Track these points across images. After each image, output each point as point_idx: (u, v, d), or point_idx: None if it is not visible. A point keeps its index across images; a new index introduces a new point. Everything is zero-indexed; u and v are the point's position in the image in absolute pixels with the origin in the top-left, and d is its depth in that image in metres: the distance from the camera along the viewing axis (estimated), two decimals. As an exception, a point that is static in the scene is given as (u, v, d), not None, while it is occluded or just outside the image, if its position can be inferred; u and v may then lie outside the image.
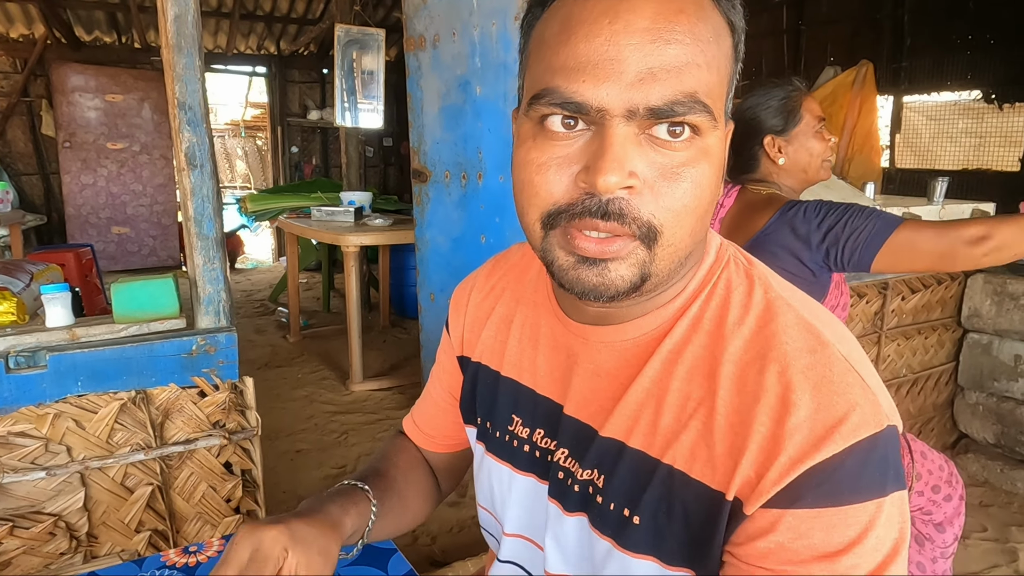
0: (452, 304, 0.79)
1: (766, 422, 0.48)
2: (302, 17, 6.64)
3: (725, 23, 0.50)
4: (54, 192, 6.48)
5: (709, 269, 0.57)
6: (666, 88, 0.46)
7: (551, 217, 0.50)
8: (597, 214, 0.48)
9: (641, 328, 0.57)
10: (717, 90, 0.49)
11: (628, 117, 0.47)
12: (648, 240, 0.49)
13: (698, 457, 0.51)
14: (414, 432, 0.85)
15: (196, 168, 1.30)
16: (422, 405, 0.85)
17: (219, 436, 1.33)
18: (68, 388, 1.22)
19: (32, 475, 1.20)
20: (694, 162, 0.48)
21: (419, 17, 2.58)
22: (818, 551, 0.45)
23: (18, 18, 5.88)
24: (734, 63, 0.52)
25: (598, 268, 0.50)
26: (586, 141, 0.49)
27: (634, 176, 0.47)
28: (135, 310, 1.29)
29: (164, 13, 1.25)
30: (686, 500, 0.52)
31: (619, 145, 0.47)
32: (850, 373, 0.49)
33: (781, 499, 0.47)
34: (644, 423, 0.55)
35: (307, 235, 3.82)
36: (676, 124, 0.47)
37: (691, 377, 0.54)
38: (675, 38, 0.46)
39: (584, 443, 0.60)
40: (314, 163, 7.60)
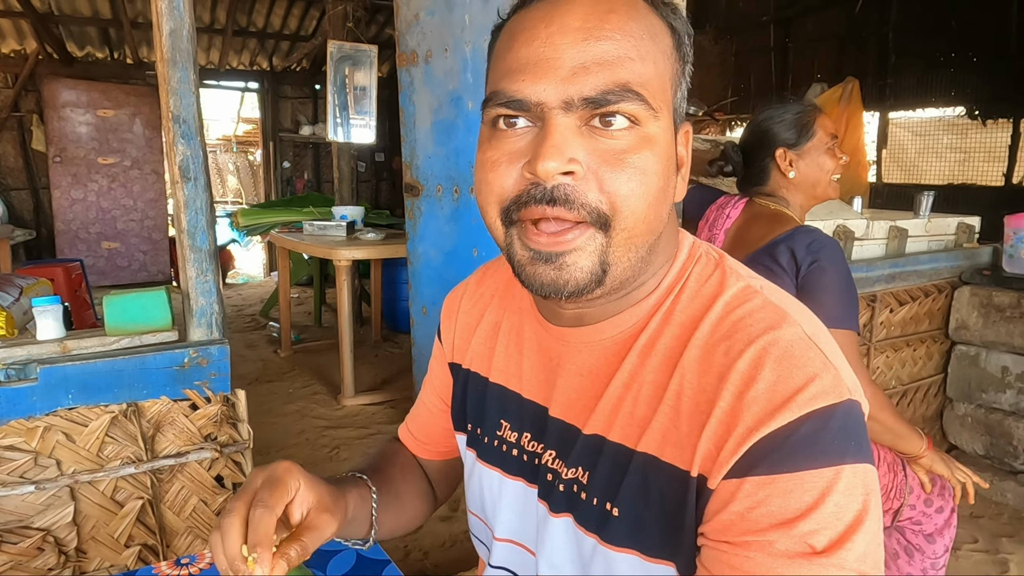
0: (443, 311, 0.81)
1: (727, 397, 0.49)
2: (295, 33, 6.68)
3: (663, 24, 0.54)
4: (43, 207, 6.46)
5: (682, 266, 0.59)
6: (599, 79, 0.49)
7: (507, 211, 0.53)
8: (543, 200, 0.51)
9: (618, 326, 0.59)
10: (656, 82, 0.52)
11: (566, 108, 0.50)
12: (601, 225, 0.51)
13: (668, 440, 0.53)
14: (408, 439, 0.85)
15: (190, 181, 1.31)
16: (416, 412, 0.85)
17: (211, 449, 1.33)
18: (59, 401, 1.21)
19: (21, 489, 1.19)
20: (636, 149, 0.51)
21: (411, 33, 2.60)
22: (776, 518, 0.45)
23: (9, 33, 5.88)
24: (678, 63, 0.55)
25: (555, 263, 0.52)
26: (533, 136, 0.52)
27: (575, 162, 0.50)
28: (127, 322, 1.29)
29: (159, 28, 1.26)
30: (660, 485, 0.53)
31: (558, 134, 0.50)
32: (812, 349, 0.50)
33: (738, 468, 0.47)
34: (623, 416, 0.56)
35: (299, 249, 3.82)
36: (612, 113, 0.50)
37: (662, 367, 0.55)
38: (606, 35, 0.50)
39: (569, 443, 0.61)
40: (306, 178, 7.60)
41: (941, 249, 2.53)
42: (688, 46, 0.56)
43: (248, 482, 0.57)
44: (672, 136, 0.55)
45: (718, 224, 1.58)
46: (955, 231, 2.58)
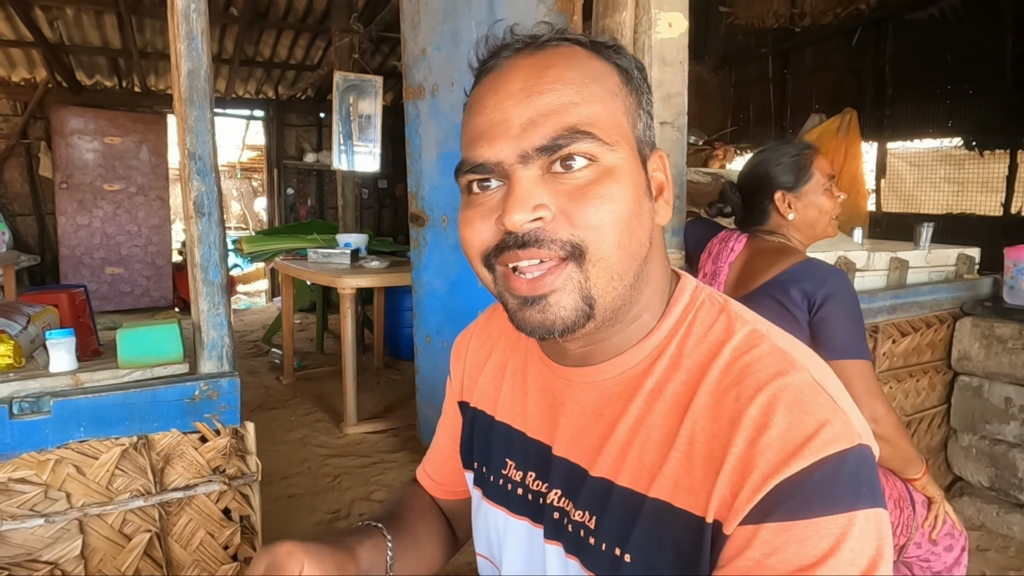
0: (453, 352, 0.83)
1: (740, 444, 0.50)
2: (300, 63, 6.79)
3: (606, 65, 0.58)
4: (48, 232, 6.50)
5: (684, 309, 0.61)
6: (547, 128, 0.54)
7: (486, 258, 0.58)
8: (515, 246, 0.55)
9: (620, 366, 0.60)
10: (606, 119, 0.55)
11: (524, 161, 0.54)
12: (576, 258, 0.54)
13: (681, 486, 0.53)
14: (426, 480, 0.86)
15: (204, 216, 1.33)
16: (432, 454, 0.86)
17: (219, 482, 1.33)
18: (70, 434, 1.22)
19: (30, 522, 1.20)
20: (598, 181, 0.54)
21: (418, 68, 2.66)
22: (793, 565, 0.46)
23: (20, 62, 5.98)
24: (631, 95, 0.59)
25: (539, 305, 0.55)
26: (501, 194, 0.56)
27: (541, 207, 0.54)
28: (140, 356, 1.31)
29: (178, 68, 1.30)
30: (674, 531, 0.53)
31: (521, 187, 0.54)
32: (822, 395, 0.51)
33: (755, 515, 0.48)
34: (631, 460, 0.57)
35: (304, 277, 3.84)
36: (568, 156, 0.54)
37: (672, 412, 0.56)
38: (546, 88, 0.54)
39: (575, 483, 0.61)
40: (309, 204, 7.66)
41: (942, 280, 2.55)
42: (640, 79, 0.60)
43: (251, 570, 0.57)
44: (638, 164, 0.58)
45: (722, 257, 1.60)
46: (955, 262, 2.61)
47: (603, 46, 0.59)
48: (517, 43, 0.58)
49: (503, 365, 0.74)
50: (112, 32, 5.75)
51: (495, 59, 0.59)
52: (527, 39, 0.58)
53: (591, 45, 0.58)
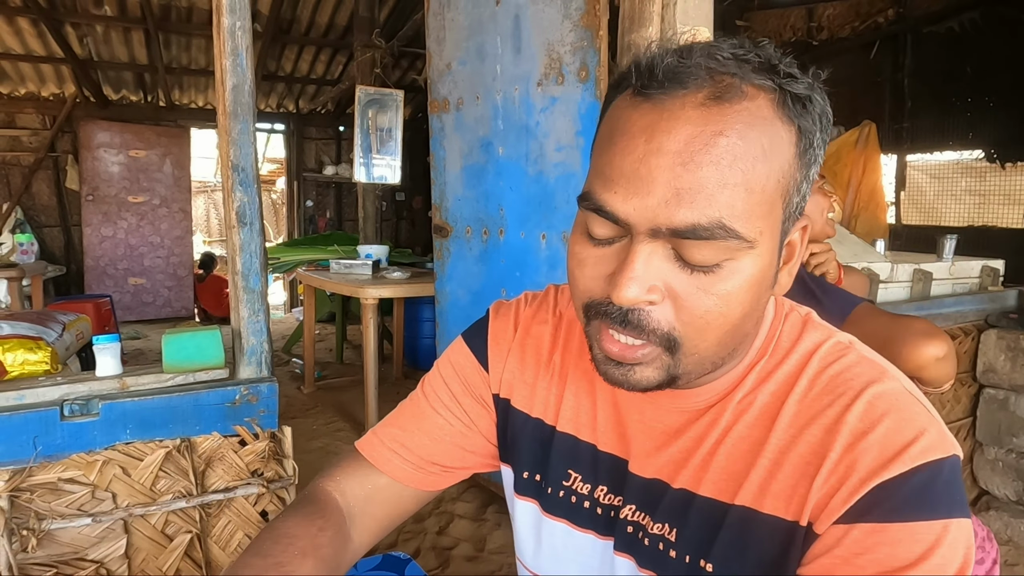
0: (492, 337, 0.75)
1: (838, 449, 0.51)
2: (321, 78, 6.90)
3: (788, 129, 0.50)
4: (74, 244, 6.63)
5: (771, 325, 0.61)
6: (691, 212, 0.47)
7: (587, 309, 0.55)
8: (618, 321, 0.51)
9: (713, 390, 0.60)
10: (759, 208, 0.49)
11: (652, 235, 0.49)
12: (669, 349, 0.52)
13: (768, 493, 0.54)
14: (393, 462, 0.73)
15: (246, 226, 1.37)
16: (408, 435, 0.74)
17: (257, 485, 1.36)
18: (117, 436, 1.26)
19: (78, 521, 1.23)
20: (721, 281, 0.50)
21: (443, 82, 2.71)
22: (883, 566, 0.47)
23: (50, 78, 6.13)
24: (800, 169, 0.52)
25: (623, 369, 0.54)
26: (620, 246, 0.52)
27: (654, 291, 0.50)
28: (183, 361, 1.34)
29: (223, 83, 1.35)
30: (760, 537, 0.54)
31: (640, 262, 0.49)
32: (916, 404, 0.52)
33: (849, 515, 0.49)
34: (714, 471, 0.57)
35: (327, 288, 3.89)
36: (700, 248, 0.49)
37: (758, 423, 0.57)
38: (707, 161, 0.47)
39: (654, 497, 0.61)
40: (328, 216, 7.75)
41: (966, 292, 2.54)
42: (820, 141, 0.53)
43: None
44: (773, 252, 0.53)
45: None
46: (979, 274, 2.60)
47: (796, 99, 0.50)
48: (693, 78, 0.49)
49: (563, 371, 0.70)
50: (139, 48, 5.89)
51: (662, 91, 0.49)
52: (709, 79, 0.49)
53: (781, 96, 0.50)
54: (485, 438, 0.75)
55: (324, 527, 0.66)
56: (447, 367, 0.76)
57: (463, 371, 0.75)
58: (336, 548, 0.66)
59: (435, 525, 2.62)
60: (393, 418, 0.77)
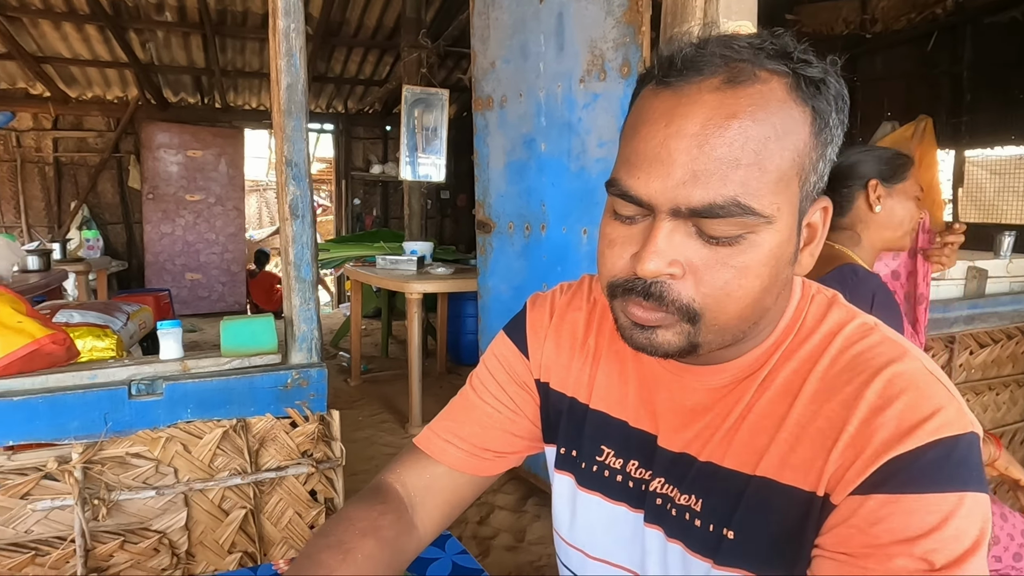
0: (531, 327, 0.78)
1: (855, 422, 0.53)
2: (369, 79, 7.05)
3: (802, 111, 0.53)
4: (135, 240, 6.94)
5: (797, 307, 0.63)
6: (707, 191, 0.50)
7: (612, 288, 0.58)
8: (640, 293, 0.55)
9: (738, 367, 0.62)
10: (773, 185, 0.52)
11: (673, 214, 0.52)
12: (689, 319, 0.54)
13: (788, 464, 0.56)
14: (447, 451, 0.77)
15: (298, 218, 1.44)
16: (460, 425, 0.78)
17: (307, 465, 1.43)
18: (179, 415, 1.34)
19: (143, 494, 1.32)
20: (739, 254, 0.52)
21: (487, 80, 2.76)
22: (897, 535, 0.48)
23: (115, 82, 6.44)
24: (817, 148, 0.55)
25: (647, 332, 0.56)
26: (644, 226, 0.55)
27: (675, 264, 0.53)
28: (239, 345, 1.42)
29: (278, 82, 1.42)
30: (778, 506, 0.56)
31: (662, 238, 0.53)
32: (936, 383, 0.53)
33: (865, 486, 0.50)
34: (737, 444, 0.60)
35: (373, 283, 3.99)
36: (717, 224, 0.52)
37: (780, 397, 0.59)
38: (722, 142, 0.50)
39: (681, 470, 0.64)
40: (375, 214, 7.92)
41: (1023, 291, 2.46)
42: (836, 122, 0.55)
43: None
44: (791, 229, 0.55)
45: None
46: (1037, 276, 2.51)
47: (809, 81, 0.53)
48: (709, 66, 0.52)
49: (596, 353, 0.74)
50: (197, 52, 6.13)
51: (681, 79, 0.53)
52: (724, 66, 0.52)
53: (794, 80, 0.53)
54: (531, 422, 0.79)
55: (385, 511, 0.71)
56: (492, 360, 0.81)
57: (506, 361, 0.79)
58: (397, 532, 0.70)
59: (475, 515, 2.67)
60: (445, 413, 0.81)
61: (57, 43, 5.70)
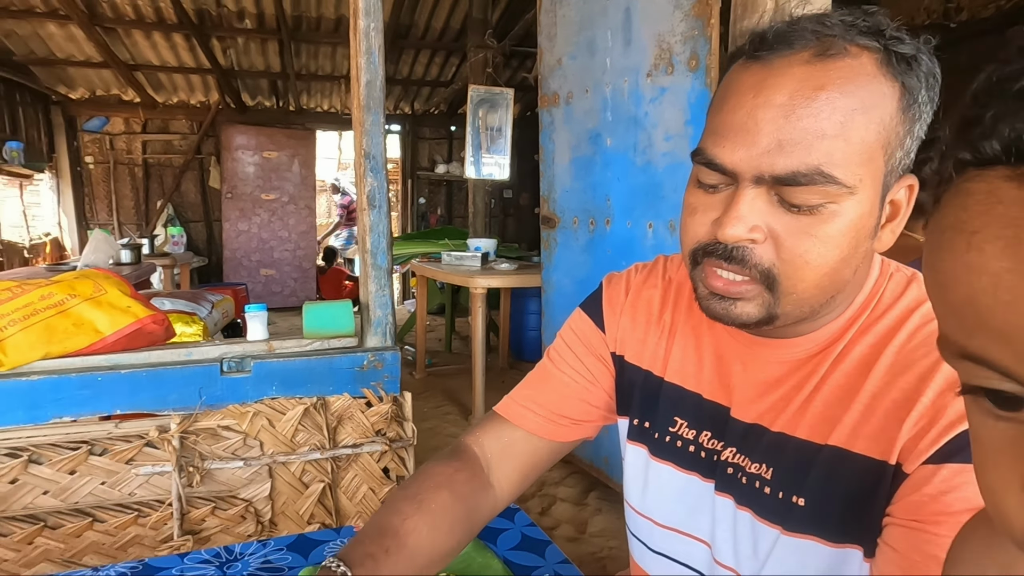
0: (607, 302, 0.81)
1: (930, 395, 0.54)
2: (435, 80, 7.20)
3: (891, 85, 0.53)
4: (215, 237, 7.31)
5: (875, 283, 0.64)
6: (791, 160, 0.52)
7: (694, 254, 0.61)
8: (722, 257, 0.57)
9: (813, 341, 0.63)
10: (858, 156, 0.53)
11: (756, 182, 0.54)
12: (768, 285, 0.56)
13: (860, 435, 0.57)
14: (526, 417, 0.80)
15: (375, 208, 1.51)
16: (537, 392, 0.81)
17: (381, 443, 1.50)
18: (265, 391, 1.43)
19: (232, 464, 1.42)
20: (820, 223, 0.54)
21: (554, 77, 2.79)
22: (970, 503, 0.49)
23: (198, 87, 6.80)
24: (904, 124, 0.55)
25: (725, 303, 0.59)
26: (727, 194, 0.57)
27: (756, 230, 0.55)
28: (320, 328, 1.51)
29: (357, 79, 1.50)
30: (850, 475, 0.57)
31: (745, 204, 0.55)
32: None
33: (937, 456, 0.52)
34: (810, 415, 0.61)
35: (438, 277, 4.09)
36: (800, 192, 0.53)
37: (855, 370, 0.60)
38: (808, 113, 0.52)
39: (753, 440, 0.65)
40: (439, 213, 8.07)
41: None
42: (926, 99, 0.55)
43: None
44: (873, 203, 0.56)
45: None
46: None
47: (900, 58, 0.54)
48: (800, 40, 0.54)
49: (672, 329, 0.76)
50: (273, 57, 6.41)
51: (770, 52, 0.55)
52: (815, 40, 0.53)
53: (885, 56, 0.53)
54: (606, 393, 0.82)
55: (461, 468, 0.75)
56: (569, 333, 0.84)
57: (583, 334, 0.82)
58: (473, 488, 0.75)
59: (537, 506, 2.71)
60: (523, 383, 0.85)
61: (147, 51, 6.07)
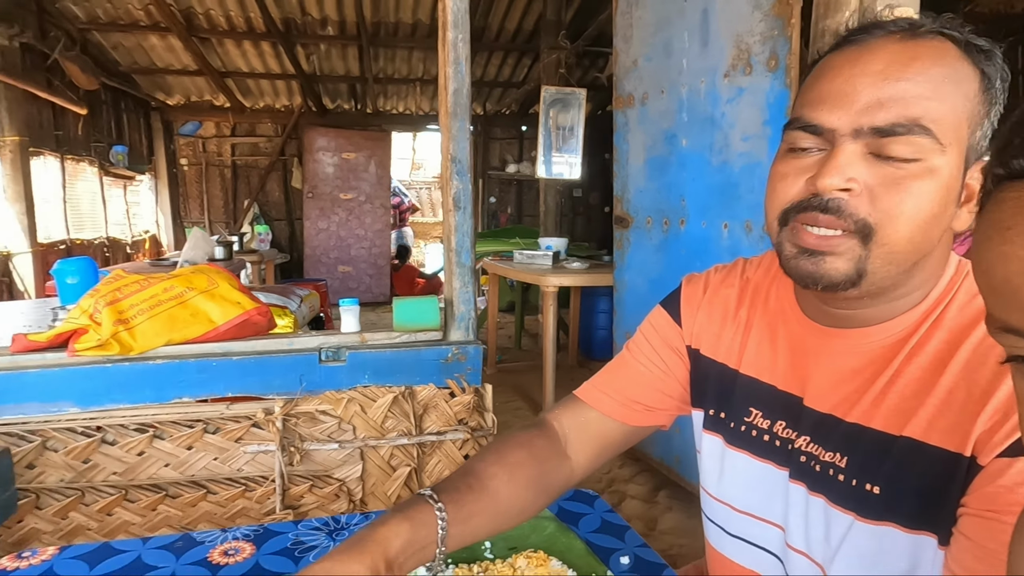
0: (684, 299, 0.86)
1: (1005, 391, 0.56)
2: (507, 80, 7.31)
3: (972, 69, 0.59)
4: (296, 235, 7.66)
5: (950, 280, 0.66)
6: (890, 113, 0.57)
7: (784, 214, 0.64)
8: (818, 208, 0.60)
9: (887, 331, 0.66)
10: (950, 119, 0.57)
11: (854, 136, 0.58)
12: (863, 236, 0.58)
13: (935, 427, 0.60)
14: (602, 400, 0.86)
15: (460, 209, 1.60)
16: (614, 379, 0.88)
17: (463, 431, 1.58)
18: (358, 379, 1.54)
19: (328, 446, 1.53)
20: (915, 176, 0.57)
21: (629, 78, 2.82)
22: None
23: (283, 92, 7.15)
24: (983, 105, 0.59)
25: (815, 259, 0.61)
26: (820, 156, 0.61)
27: (853, 181, 0.58)
28: (408, 322, 1.60)
29: (445, 87, 1.58)
30: (924, 466, 0.60)
31: (843, 156, 0.58)
32: None
33: (1012, 449, 0.54)
34: (886, 407, 0.64)
35: (510, 275, 4.18)
36: (898, 143, 0.57)
37: (931, 366, 0.62)
38: (905, 77, 0.57)
39: (827, 430, 0.68)
40: (509, 212, 8.18)
41: None
42: (999, 90, 0.60)
43: None
44: (959, 170, 0.59)
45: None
46: None
47: (976, 49, 0.59)
48: (892, 25, 0.60)
49: (748, 324, 0.79)
50: (353, 62, 6.66)
51: (864, 34, 0.61)
52: (904, 24, 0.60)
53: (965, 46, 0.59)
54: (680, 384, 0.87)
55: (540, 435, 0.84)
56: (647, 327, 0.90)
57: (661, 329, 0.88)
58: (548, 453, 0.82)
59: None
60: (602, 371, 0.91)
61: (237, 59, 6.43)
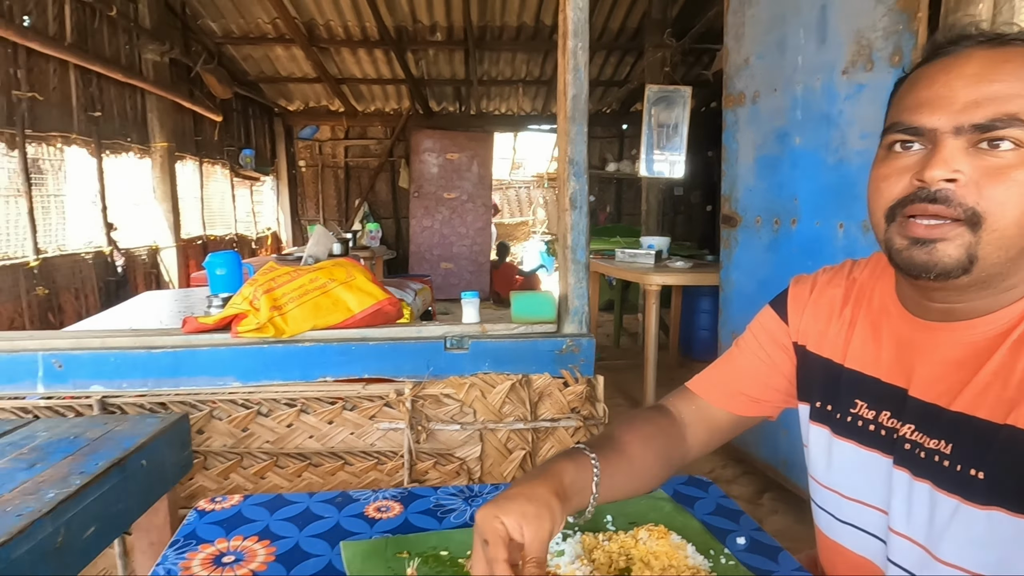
0: (790, 301, 0.92)
1: None
2: (609, 79, 7.32)
3: None
4: (402, 232, 8.02)
5: None
6: (988, 110, 0.60)
7: (891, 210, 0.67)
8: (925, 199, 0.63)
9: (991, 324, 0.68)
10: None
11: (956, 133, 0.62)
12: (972, 224, 0.61)
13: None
14: (712, 391, 0.94)
15: (576, 209, 1.68)
16: (723, 372, 0.95)
17: (576, 420, 1.67)
18: (479, 366, 1.66)
19: (450, 427, 1.66)
20: (1018, 166, 0.60)
21: (740, 77, 2.80)
22: None
23: (392, 96, 7.51)
24: None
25: (927, 248, 0.64)
26: (922, 156, 0.64)
27: (959, 172, 0.61)
28: (526, 314, 1.71)
29: (564, 93, 1.67)
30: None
31: (947, 150, 0.62)
32: None
33: None
34: (990, 397, 0.66)
35: (612, 273, 4.22)
36: (998, 137, 0.60)
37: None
38: (999, 79, 0.61)
39: (930, 419, 0.71)
40: (608, 211, 8.18)
41: None
42: None
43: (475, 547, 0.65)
44: None
45: None
46: None
47: None
48: (981, 36, 0.64)
49: (852, 321, 0.83)
50: (459, 65, 6.90)
51: (954, 45, 0.65)
52: (992, 34, 0.64)
53: None
54: (786, 379, 0.92)
55: (662, 415, 0.93)
56: (756, 326, 0.96)
57: (768, 327, 0.93)
58: (671, 431, 0.90)
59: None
60: (711, 365, 0.98)
61: (352, 66, 6.83)
